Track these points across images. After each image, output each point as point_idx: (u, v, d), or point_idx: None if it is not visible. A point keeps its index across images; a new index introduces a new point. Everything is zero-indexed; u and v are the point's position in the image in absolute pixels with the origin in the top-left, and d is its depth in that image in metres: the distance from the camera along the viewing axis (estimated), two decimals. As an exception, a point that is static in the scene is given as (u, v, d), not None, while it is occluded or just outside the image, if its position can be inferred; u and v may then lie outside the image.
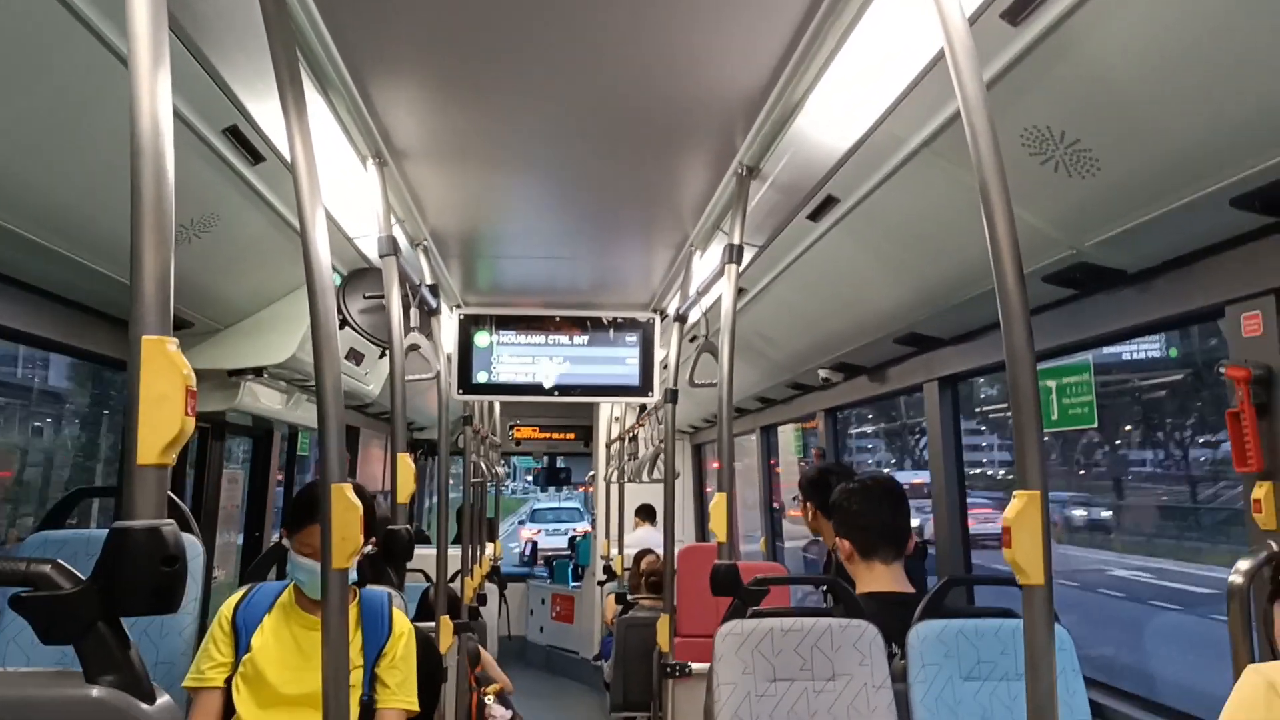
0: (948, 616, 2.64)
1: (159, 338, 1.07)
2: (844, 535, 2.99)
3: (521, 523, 25.00)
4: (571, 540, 11.68)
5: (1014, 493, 1.44)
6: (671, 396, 3.95)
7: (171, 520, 1.06)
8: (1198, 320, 2.42)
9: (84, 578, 1.04)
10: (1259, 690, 1.61)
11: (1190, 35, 1.64)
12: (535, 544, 13.34)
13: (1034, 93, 1.93)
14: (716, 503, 2.80)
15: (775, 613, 2.66)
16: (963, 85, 1.49)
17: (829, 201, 2.90)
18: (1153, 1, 1.61)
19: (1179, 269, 2.33)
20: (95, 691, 1.03)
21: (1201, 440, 13.06)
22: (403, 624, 2.67)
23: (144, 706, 1.04)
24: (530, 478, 28.46)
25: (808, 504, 3.97)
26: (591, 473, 11.04)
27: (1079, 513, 14.83)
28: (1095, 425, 2.93)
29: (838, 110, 2.31)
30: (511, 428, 11.72)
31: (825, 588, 3.34)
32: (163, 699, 1.06)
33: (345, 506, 1.67)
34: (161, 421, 1.06)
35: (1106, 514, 14.79)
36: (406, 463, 2.82)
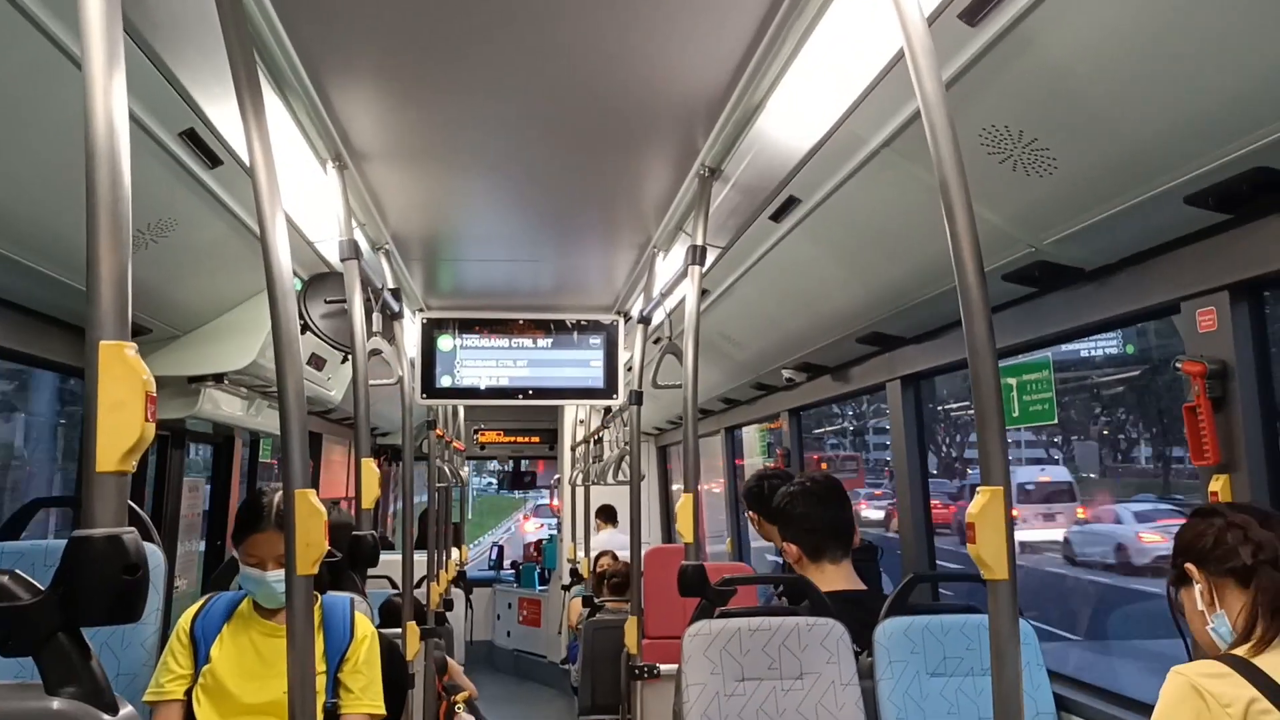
0: (912, 613, 2.67)
1: (117, 342, 1.05)
2: (790, 539, 2.98)
3: (526, 516, 25.54)
4: (537, 544, 11.65)
5: (978, 489, 1.45)
6: (636, 399, 3.95)
7: (133, 528, 1.04)
8: (1154, 316, 2.45)
9: (43, 588, 1.02)
10: (1184, 691, 1.65)
11: (1144, 34, 1.66)
12: (501, 548, 13.28)
13: (992, 92, 1.95)
14: (683, 504, 2.81)
15: (743, 612, 2.66)
16: (922, 85, 1.51)
17: (791, 202, 2.92)
18: (1108, 1, 1.64)
19: (1136, 266, 2.37)
20: (56, 703, 1.00)
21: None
22: (365, 628, 2.65)
23: (106, 718, 1.02)
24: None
25: (753, 513, 4.00)
26: (557, 476, 11.01)
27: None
28: (1055, 422, 2.97)
29: (799, 110, 2.33)
30: (476, 432, 11.66)
31: (780, 589, 3.36)
32: (125, 710, 1.04)
33: (309, 512, 1.66)
34: (120, 427, 1.04)
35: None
36: (370, 468, 2.80)
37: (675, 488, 9.18)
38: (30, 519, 2.81)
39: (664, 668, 3.59)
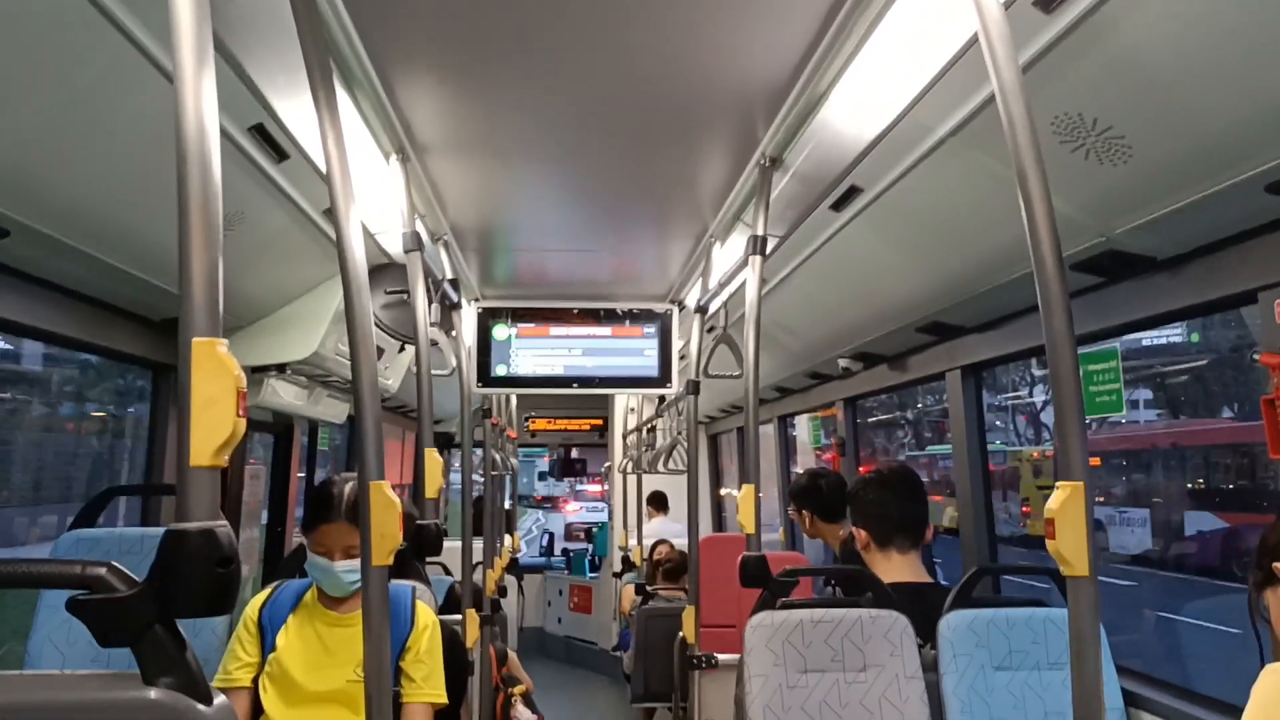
0: (976, 606, 2.64)
1: (209, 340, 1.07)
2: (860, 524, 3.03)
3: (565, 500, 25.69)
4: (588, 530, 11.70)
5: (1057, 484, 1.43)
6: (693, 388, 3.95)
7: (226, 522, 1.06)
8: (1229, 306, 2.40)
9: (138, 580, 1.05)
10: (1278, 690, 1.61)
11: (1225, 20, 1.62)
12: (552, 535, 13.38)
13: (1065, 80, 1.92)
14: (744, 494, 2.80)
15: (805, 604, 2.66)
16: (999, 73, 1.48)
17: (852, 191, 2.89)
18: (1187, -13, 1.60)
19: (1210, 255, 2.32)
20: (154, 693, 1.03)
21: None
22: (426, 617, 2.66)
23: (201, 708, 1.04)
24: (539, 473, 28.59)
25: (803, 511, 3.99)
26: (607, 464, 11.05)
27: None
28: (1123, 413, 2.92)
29: (864, 100, 2.30)
30: (527, 419, 11.72)
31: (829, 580, 3.36)
32: (219, 699, 1.07)
33: (384, 504, 1.68)
34: (213, 423, 1.06)
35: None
36: (434, 457, 2.82)
37: (726, 488, 9.20)
38: (105, 506, 2.87)
39: (722, 658, 3.59)
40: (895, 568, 2.89)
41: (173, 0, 1.12)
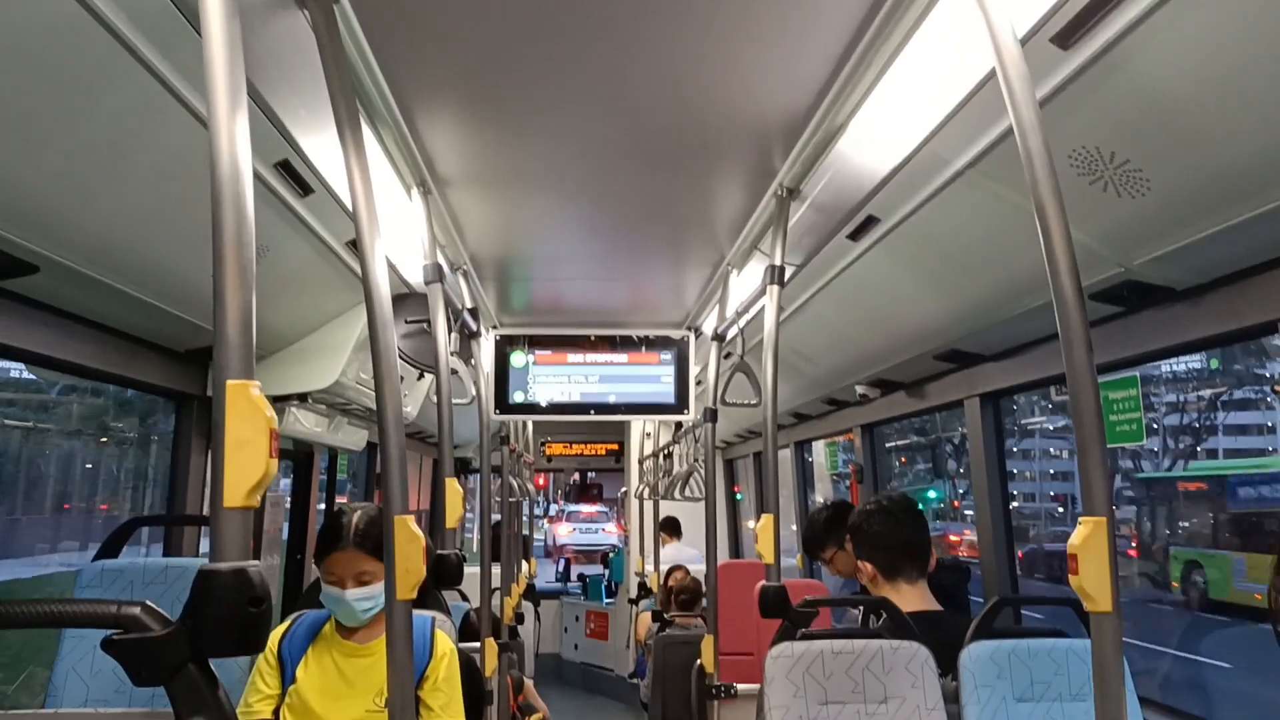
0: (996, 636, 2.63)
1: (243, 382, 1.09)
2: (865, 558, 2.96)
3: (556, 520, 24.86)
4: (604, 556, 11.68)
5: (1079, 519, 1.43)
6: (711, 416, 3.96)
7: (257, 561, 1.07)
8: (1249, 337, 2.40)
9: (172, 619, 1.06)
10: None
11: (1241, 53, 1.63)
12: (569, 561, 13.36)
13: (1083, 114, 1.93)
14: (763, 524, 2.80)
15: (825, 634, 2.65)
16: (1017, 109, 1.49)
17: (869, 221, 2.91)
18: (1205, 21, 1.61)
19: (1230, 285, 2.32)
20: None
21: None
22: (445, 645, 2.66)
23: None
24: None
25: (827, 552, 3.88)
26: (624, 489, 11.04)
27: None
28: (1143, 442, 2.91)
29: (882, 132, 2.32)
30: (543, 444, 11.73)
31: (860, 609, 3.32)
32: None
33: (408, 538, 1.69)
34: (246, 464, 1.07)
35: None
36: (455, 487, 2.83)
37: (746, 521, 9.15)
38: (129, 536, 2.89)
39: (741, 688, 3.57)
40: (906, 598, 2.86)
41: (207, 46, 1.14)
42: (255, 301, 1.13)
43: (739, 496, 9.41)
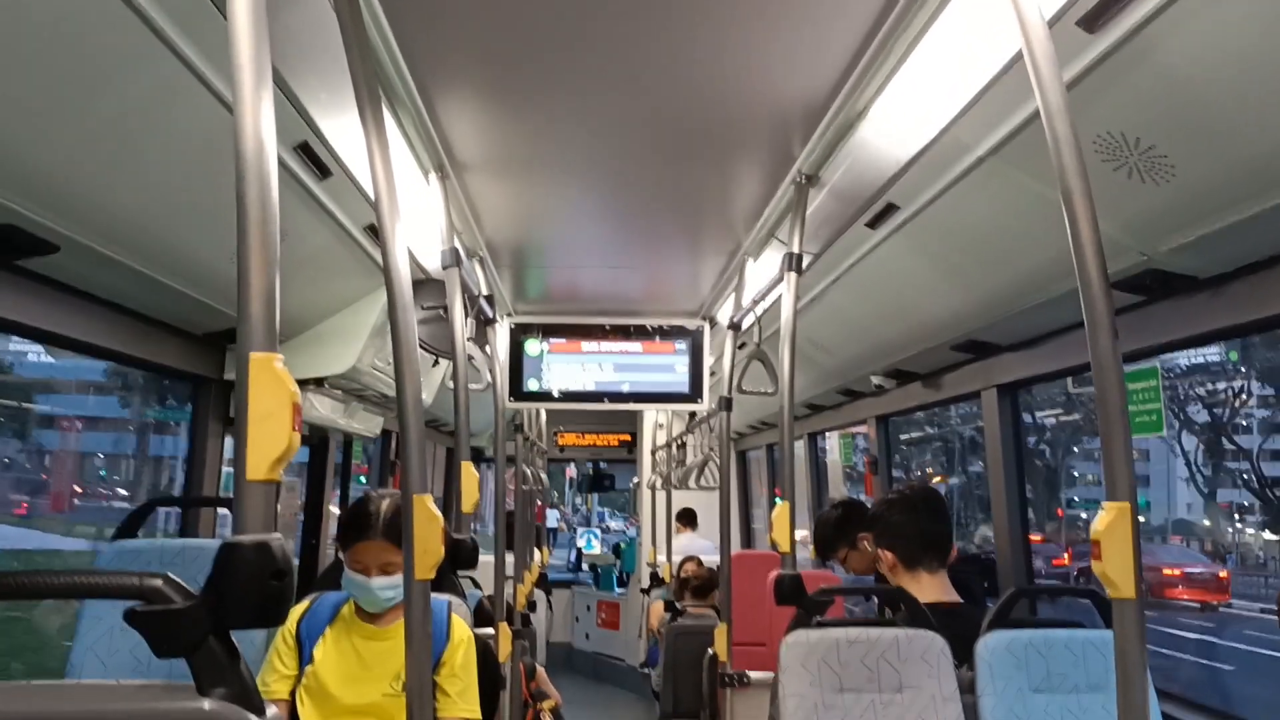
0: (1014, 627, 2.61)
1: (267, 354, 1.09)
2: (885, 546, 2.96)
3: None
4: (616, 547, 11.68)
5: (1103, 504, 1.42)
6: (726, 405, 3.95)
7: (279, 534, 1.07)
8: (1271, 327, 2.38)
9: (194, 592, 1.06)
10: None
11: (1269, 40, 1.61)
12: (580, 550, 13.37)
13: (1108, 99, 1.91)
14: (779, 513, 2.79)
15: (840, 623, 2.64)
16: (1044, 92, 1.48)
17: (889, 209, 2.89)
18: (1233, 8, 1.59)
19: (1253, 275, 2.30)
20: (208, 704, 1.04)
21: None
22: (461, 632, 2.66)
23: (254, 719, 1.05)
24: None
25: (839, 552, 3.86)
26: (636, 479, 11.04)
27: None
28: (1162, 433, 2.89)
29: (903, 118, 2.30)
30: (555, 434, 11.74)
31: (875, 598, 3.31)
32: (271, 711, 1.08)
33: (427, 518, 1.69)
34: (269, 438, 1.07)
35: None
36: (470, 472, 2.83)
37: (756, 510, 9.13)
38: (147, 517, 2.91)
39: (755, 675, 3.57)
40: (925, 588, 2.85)
41: (232, 27, 1.14)
42: (274, 286, 1.13)
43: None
